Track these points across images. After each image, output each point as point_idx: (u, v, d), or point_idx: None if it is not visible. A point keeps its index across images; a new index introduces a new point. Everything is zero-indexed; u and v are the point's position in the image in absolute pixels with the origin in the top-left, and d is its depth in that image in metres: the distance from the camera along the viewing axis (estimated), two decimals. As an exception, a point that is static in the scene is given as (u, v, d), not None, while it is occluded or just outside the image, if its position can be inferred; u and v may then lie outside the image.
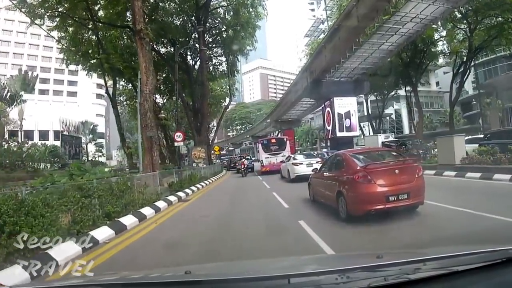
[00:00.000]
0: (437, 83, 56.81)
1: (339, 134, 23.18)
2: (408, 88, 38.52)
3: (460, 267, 1.42)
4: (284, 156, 19.99)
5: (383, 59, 22.15)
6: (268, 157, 22.30)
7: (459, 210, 6.02)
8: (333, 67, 21.01)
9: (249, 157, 29.40)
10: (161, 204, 8.93)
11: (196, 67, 32.72)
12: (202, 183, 15.25)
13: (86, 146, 51.66)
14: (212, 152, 37.69)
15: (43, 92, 75.34)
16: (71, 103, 75.55)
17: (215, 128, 39.62)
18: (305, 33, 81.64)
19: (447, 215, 5.94)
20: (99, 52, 23.82)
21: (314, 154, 19.46)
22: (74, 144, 45.46)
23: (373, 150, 9.42)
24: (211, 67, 34.63)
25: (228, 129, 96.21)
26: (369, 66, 22.33)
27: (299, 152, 33.41)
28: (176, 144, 17.51)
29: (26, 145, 28.18)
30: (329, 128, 23.77)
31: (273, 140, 24.51)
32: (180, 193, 11.08)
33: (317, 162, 14.30)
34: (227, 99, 40.11)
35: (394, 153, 7.42)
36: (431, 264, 1.50)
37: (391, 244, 4.54)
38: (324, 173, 7.32)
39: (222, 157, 58.44)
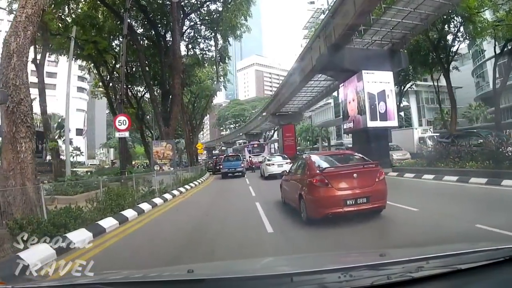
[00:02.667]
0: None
1: (370, 124, 15.19)
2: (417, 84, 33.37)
3: (463, 265, 1.41)
4: (263, 156, 25.60)
5: (443, 8, 15.15)
6: (251, 157, 30.29)
7: None
8: (365, 22, 14.07)
9: (239, 157, 23.04)
10: None
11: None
12: (142, 206, 8.18)
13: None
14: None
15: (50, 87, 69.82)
16: (50, 96, 69.81)
17: (205, 127, 34.28)
18: (304, 25, 76.50)
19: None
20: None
21: (285, 156, 21.38)
22: (35, 139, 38.85)
23: (337, 153, 8.60)
24: (198, 52, 29.16)
25: (222, 128, 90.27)
26: (417, 23, 15.16)
27: (298, 153, 34.18)
28: (117, 134, 10.78)
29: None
30: (353, 116, 16.66)
31: (255, 145, 35.54)
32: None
33: (286, 163, 15.40)
34: (219, 94, 38.18)
35: (357, 157, 6.88)
36: (434, 263, 1.47)
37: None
38: (292, 176, 7.29)
39: (213, 157, 55.13)
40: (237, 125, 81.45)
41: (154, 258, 4.33)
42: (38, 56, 18.27)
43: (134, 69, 25.77)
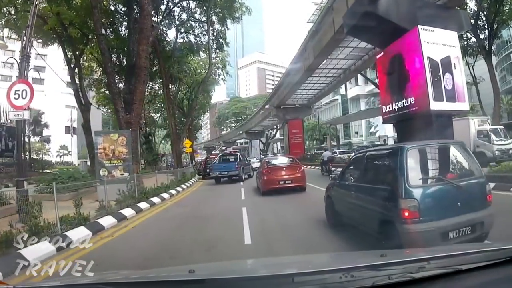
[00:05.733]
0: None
1: (434, 105, 9.64)
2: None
3: (464, 265, 1.40)
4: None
5: None
6: None
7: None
8: None
9: (236, 157, 18.11)
10: None
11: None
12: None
13: (29, 140, 40.22)
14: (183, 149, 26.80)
15: (5, 78, 66.34)
16: (38, 91, 66.45)
17: (204, 126, 29.86)
18: (308, 19, 72.18)
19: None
20: None
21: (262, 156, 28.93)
22: (4, 136, 34.32)
23: (281, 156, 17.34)
24: (193, 39, 25.37)
25: (222, 127, 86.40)
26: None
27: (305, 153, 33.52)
28: (11, 115, 6.33)
29: None
30: (402, 96, 10.89)
31: (232, 151, 39.75)
32: None
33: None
34: (219, 92, 35.46)
35: (290, 158, 13.71)
36: (435, 263, 1.46)
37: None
38: (258, 170, 13.26)
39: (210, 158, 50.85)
40: (237, 123, 77.36)
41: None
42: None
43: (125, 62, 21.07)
